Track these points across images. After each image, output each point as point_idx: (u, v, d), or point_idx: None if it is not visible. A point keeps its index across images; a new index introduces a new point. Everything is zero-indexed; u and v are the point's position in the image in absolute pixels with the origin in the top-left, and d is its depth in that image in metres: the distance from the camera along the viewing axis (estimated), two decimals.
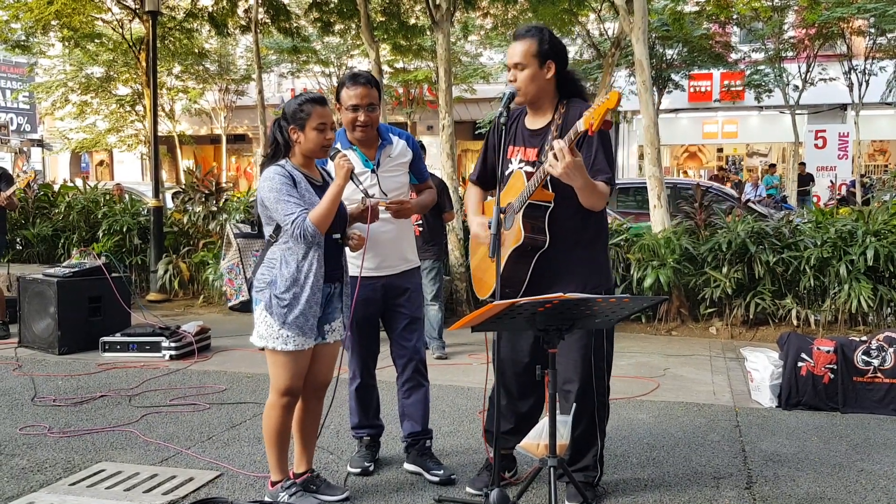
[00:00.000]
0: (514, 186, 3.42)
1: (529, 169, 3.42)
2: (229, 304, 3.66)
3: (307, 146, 3.37)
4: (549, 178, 3.24)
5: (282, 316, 3.30)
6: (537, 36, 3.40)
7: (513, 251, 3.32)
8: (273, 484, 3.52)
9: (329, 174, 3.58)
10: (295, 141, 3.38)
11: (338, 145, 3.79)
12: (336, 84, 3.85)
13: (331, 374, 3.62)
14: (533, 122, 3.52)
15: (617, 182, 11.72)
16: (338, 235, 3.47)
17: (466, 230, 8.86)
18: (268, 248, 3.40)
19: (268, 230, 3.40)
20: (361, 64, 21.39)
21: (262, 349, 3.42)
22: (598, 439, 3.58)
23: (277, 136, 3.40)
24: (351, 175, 3.36)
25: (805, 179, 20.33)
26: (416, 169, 3.99)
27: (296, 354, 3.36)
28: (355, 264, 3.69)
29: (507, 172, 3.54)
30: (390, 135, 3.91)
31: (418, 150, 4.03)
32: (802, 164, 20.75)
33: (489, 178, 3.78)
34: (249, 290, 3.46)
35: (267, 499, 3.53)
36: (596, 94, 14.86)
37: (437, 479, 3.84)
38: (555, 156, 3.05)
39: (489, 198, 3.82)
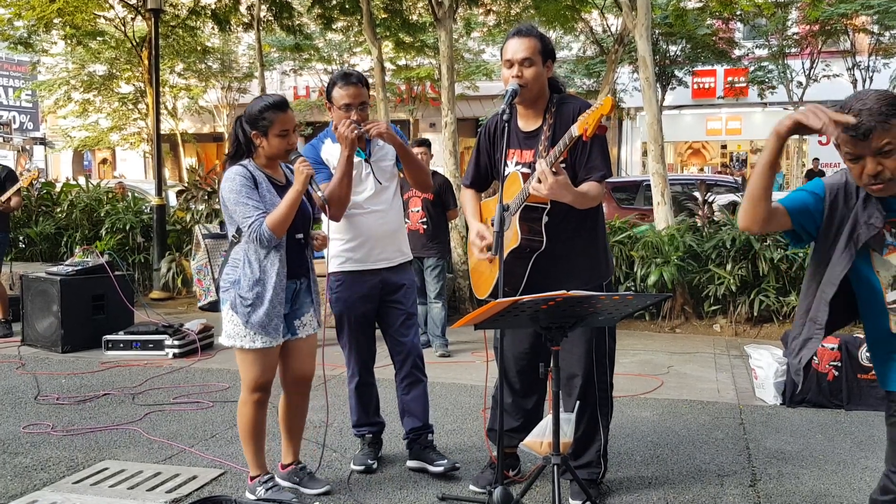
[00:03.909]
0: (511, 189, 3.41)
1: (526, 171, 3.43)
2: (199, 305, 3.71)
3: (270, 151, 3.40)
4: None
5: (245, 315, 3.34)
6: (539, 35, 3.45)
7: (510, 253, 3.33)
8: (252, 479, 3.57)
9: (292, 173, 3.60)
10: (258, 146, 3.40)
11: (328, 140, 3.83)
12: (327, 84, 3.86)
13: (311, 369, 3.66)
14: (526, 124, 3.53)
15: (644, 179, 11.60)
16: (300, 236, 3.50)
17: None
18: (231, 248, 3.43)
19: (231, 230, 3.43)
20: (364, 61, 21.38)
21: (231, 348, 3.45)
22: (602, 435, 3.58)
23: (239, 136, 3.42)
24: (310, 181, 3.36)
25: (816, 175, 20.31)
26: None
27: (263, 351, 3.39)
28: (351, 258, 3.72)
29: (503, 172, 3.54)
30: None
31: (404, 137, 4.06)
32: (816, 160, 20.76)
33: (483, 181, 3.79)
34: (217, 290, 3.48)
35: (247, 494, 3.56)
36: (599, 90, 14.84)
37: (441, 468, 3.84)
38: (538, 180, 3.08)
39: (484, 198, 3.82)
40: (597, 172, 3.33)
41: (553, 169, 3.09)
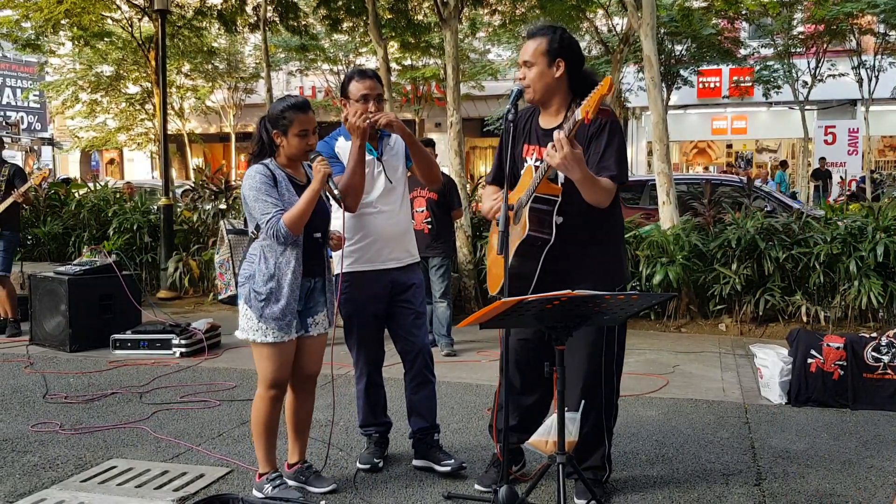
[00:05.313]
0: (525, 182, 3.42)
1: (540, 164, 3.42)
2: (219, 298, 3.77)
3: (290, 151, 3.47)
4: (558, 173, 3.25)
5: (259, 309, 3.40)
6: (548, 34, 3.40)
7: (518, 245, 3.32)
8: (260, 476, 3.59)
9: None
10: (279, 144, 3.47)
11: (341, 137, 3.86)
12: (342, 81, 3.90)
13: (318, 367, 3.70)
14: (546, 122, 3.51)
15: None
16: (318, 234, 3.54)
17: (475, 227, 8.89)
18: (250, 244, 3.50)
19: (250, 226, 3.50)
20: (370, 61, 21.40)
21: (247, 342, 3.50)
22: (606, 439, 3.58)
23: (263, 136, 3.50)
24: (327, 179, 3.42)
25: (823, 175, 20.28)
26: (409, 154, 4.02)
27: (278, 346, 3.44)
28: (360, 258, 3.74)
29: (521, 171, 3.55)
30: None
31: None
32: (822, 159, 20.75)
33: (502, 178, 3.77)
34: (237, 285, 3.53)
35: (254, 491, 3.58)
36: None
37: (448, 468, 3.85)
38: (553, 147, 3.06)
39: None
40: (607, 172, 3.29)
41: (569, 141, 3.05)
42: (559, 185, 3.33)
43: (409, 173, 4.07)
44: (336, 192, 3.53)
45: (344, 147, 3.83)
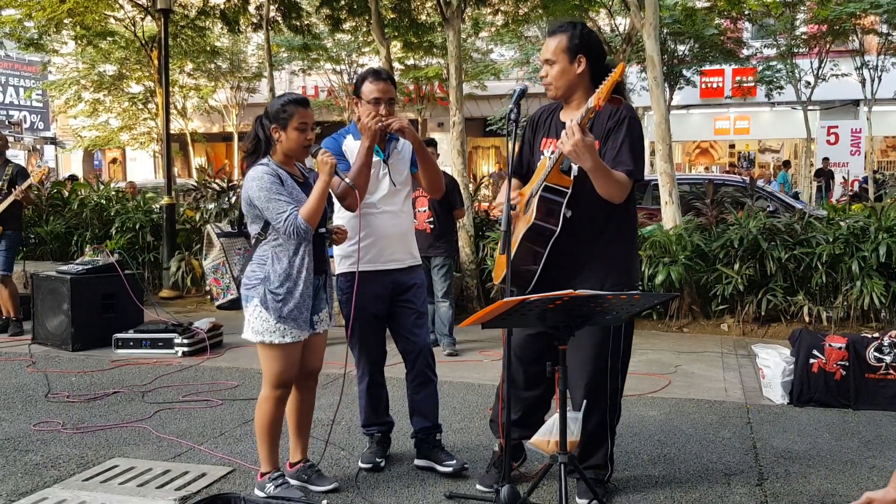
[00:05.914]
0: (538, 174, 3.41)
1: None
2: (217, 303, 3.76)
3: (288, 145, 3.47)
4: (573, 166, 3.24)
5: (278, 310, 3.39)
6: (568, 31, 3.39)
7: (523, 234, 3.31)
8: (262, 475, 3.60)
9: (307, 170, 3.66)
10: (276, 140, 3.47)
11: (349, 136, 3.87)
12: (348, 81, 3.91)
13: (320, 364, 3.73)
14: (567, 116, 3.48)
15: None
16: (323, 230, 3.56)
17: (477, 227, 8.90)
18: (257, 246, 3.48)
19: (255, 228, 3.48)
20: (372, 61, 21.39)
21: (258, 344, 3.49)
22: (609, 438, 3.57)
23: (259, 133, 3.50)
24: (335, 170, 3.42)
25: (826, 175, 20.24)
26: (414, 160, 4.03)
27: (291, 347, 3.45)
28: (362, 258, 3.75)
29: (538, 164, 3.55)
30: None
31: None
32: (826, 159, 20.73)
33: (524, 172, 3.74)
34: (238, 287, 3.53)
35: (256, 491, 3.58)
36: None
37: (449, 468, 3.85)
38: (566, 134, 3.06)
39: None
40: (622, 167, 3.26)
41: (581, 128, 3.03)
42: (571, 177, 3.32)
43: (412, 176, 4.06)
44: (347, 180, 3.54)
45: (351, 146, 3.84)
